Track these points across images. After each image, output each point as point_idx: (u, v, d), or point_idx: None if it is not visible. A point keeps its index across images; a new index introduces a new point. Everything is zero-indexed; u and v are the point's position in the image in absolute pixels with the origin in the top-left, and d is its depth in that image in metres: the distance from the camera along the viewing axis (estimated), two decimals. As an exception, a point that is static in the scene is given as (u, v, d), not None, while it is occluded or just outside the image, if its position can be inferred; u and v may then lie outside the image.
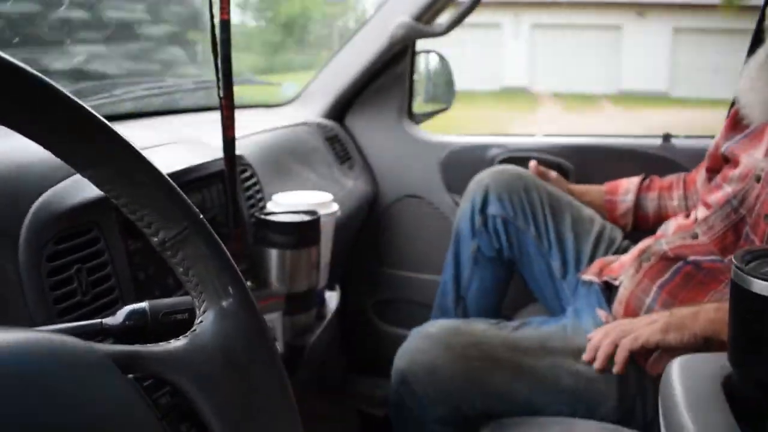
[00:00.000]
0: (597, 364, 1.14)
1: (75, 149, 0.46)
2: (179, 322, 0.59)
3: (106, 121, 0.46)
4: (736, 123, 1.28)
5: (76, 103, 0.44)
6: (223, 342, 0.50)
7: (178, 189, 0.50)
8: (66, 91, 0.44)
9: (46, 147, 0.45)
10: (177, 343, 0.48)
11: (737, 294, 0.68)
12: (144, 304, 0.60)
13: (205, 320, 0.50)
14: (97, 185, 0.48)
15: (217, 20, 0.89)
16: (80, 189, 0.74)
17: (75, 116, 0.45)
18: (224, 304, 0.51)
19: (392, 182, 1.90)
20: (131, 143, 0.48)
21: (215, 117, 0.96)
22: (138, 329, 0.59)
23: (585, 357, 1.15)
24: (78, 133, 0.45)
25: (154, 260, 0.85)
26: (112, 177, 0.48)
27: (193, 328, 0.50)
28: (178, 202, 0.50)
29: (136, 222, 0.50)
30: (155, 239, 0.50)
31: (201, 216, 0.52)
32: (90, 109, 0.45)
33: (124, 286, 0.78)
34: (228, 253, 0.53)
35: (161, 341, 0.48)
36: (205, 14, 0.91)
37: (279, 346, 1.01)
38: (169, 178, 0.50)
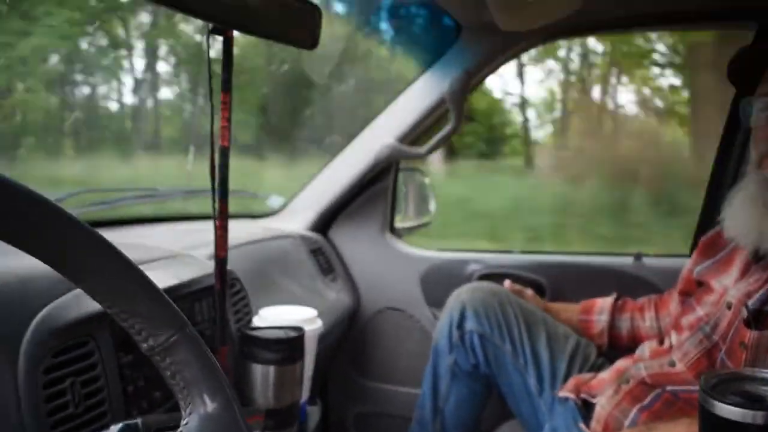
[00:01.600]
0: None
1: (70, 261, 0.49)
2: (169, 437, 0.61)
3: (99, 234, 0.50)
4: (705, 249, 1.35)
5: (71, 217, 0.48)
6: None
7: (167, 297, 0.54)
8: (59, 205, 0.48)
9: (42, 260, 0.48)
10: None
11: (705, 418, 0.72)
12: (137, 420, 0.62)
13: (191, 422, 0.53)
14: (92, 295, 0.51)
15: (217, 146, 0.95)
16: (79, 303, 0.77)
17: (69, 230, 0.48)
18: (209, 408, 0.54)
19: (374, 294, 1.93)
20: (123, 254, 0.52)
21: (205, 227, 1.00)
22: (131, 444, 0.61)
23: None
24: (72, 247, 0.49)
25: (143, 373, 0.87)
26: (105, 287, 0.51)
27: (179, 430, 0.52)
28: (167, 310, 0.54)
29: (127, 329, 0.53)
30: (145, 345, 0.53)
31: (189, 323, 0.55)
32: (83, 222, 0.49)
33: (114, 398, 0.80)
34: (214, 360, 0.56)
35: None
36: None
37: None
38: (158, 287, 0.54)
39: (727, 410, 0.69)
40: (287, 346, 1.06)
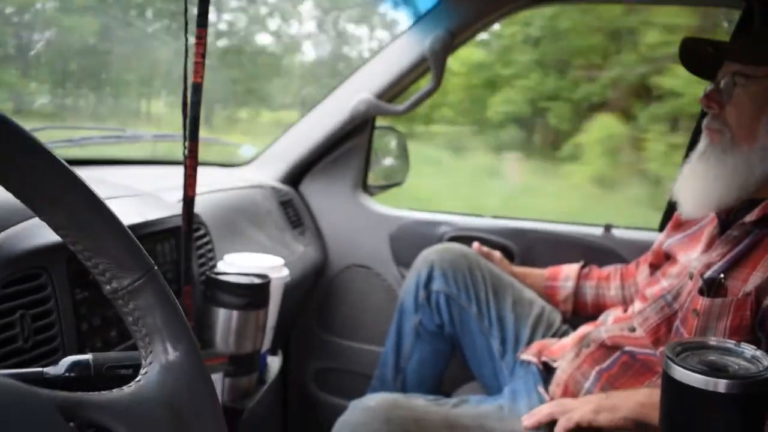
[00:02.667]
0: (526, 423, 1.17)
1: (35, 192, 0.46)
2: (123, 377, 0.58)
3: (69, 167, 0.47)
4: (678, 224, 1.37)
5: (40, 145, 0.45)
6: (168, 394, 0.50)
7: (135, 239, 0.51)
8: (30, 132, 0.44)
9: (5, 186, 0.45)
10: (121, 393, 0.48)
11: (668, 384, 0.72)
12: (88, 356, 0.59)
13: (151, 371, 0.50)
14: (55, 229, 0.48)
15: (189, 82, 0.91)
16: (33, 234, 0.74)
17: (38, 158, 0.45)
18: (171, 357, 0.51)
19: (342, 251, 1.92)
20: (93, 191, 0.49)
21: (173, 171, 0.97)
22: (80, 381, 0.58)
23: (525, 422, 1.17)
24: (39, 176, 0.46)
25: (99, 312, 0.84)
26: (70, 223, 0.48)
27: (138, 379, 0.50)
28: (134, 252, 0.51)
29: (90, 269, 0.50)
30: (108, 287, 0.50)
31: (155, 267, 0.52)
32: (54, 153, 0.46)
33: (67, 335, 0.77)
34: (179, 307, 0.53)
35: None
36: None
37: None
38: (126, 227, 0.51)
39: (690, 377, 0.69)
40: (251, 292, 1.04)
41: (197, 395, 0.52)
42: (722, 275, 1.06)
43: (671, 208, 1.63)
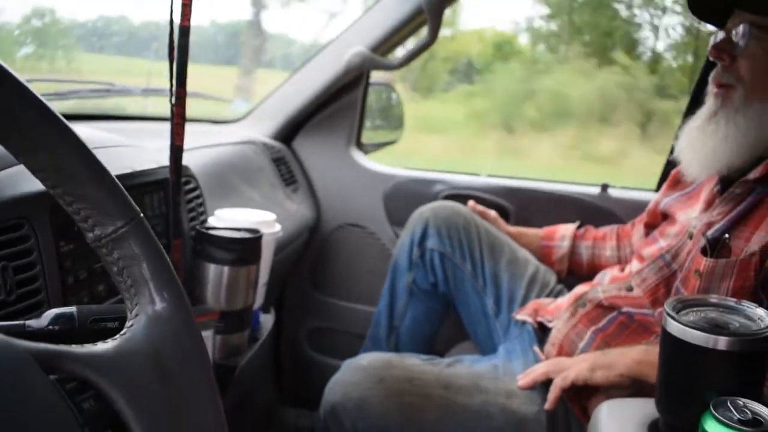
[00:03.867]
0: (521, 382, 1.17)
1: (13, 131, 0.44)
2: (108, 331, 0.56)
3: (50, 106, 0.44)
4: (675, 182, 1.34)
5: (20, 83, 0.42)
6: (154, 347, 0.48)
7: (120, 184, 0.48)
8: (12, 70, 0.42)
9: None
10: (105, 346, 0.46)
11: (667, 341, 0.71)
12: (72, 309, 0.57)
13: (137, 324, 0.48)
14: (34, 172, 0.46)
15: (176, 25, 0.87)
16: (13, 183, 0.71)
17: (18, 96, 0.43)
18: (158, 308, 0.49)
19: (335, 209, 1.89)
20: (75, 132, 0.46)
21: (162, 127, 0.94)
22: (64, 334, 0.56)
23: (520, 382, 1.17)
24: (19, 115, 0.43)
25: (85, 265, 0.81)
26: (50, 164, 0.46)
27: (123, 331, 0.48)
28: (118, 198, 0.49)
29: (72, 215, 0.47)
30: (91, 235, 0.48)
31: (141, 215, 0.50)
32: (36, 92, 0.43)
33: (52, 288, 0.74)
34: (166, 256, 0.51)
35: None
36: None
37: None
38: (111, 173, 0.48)
39: (690, 333, 0.68)
40: (243, 247, 1.01)
41: (185, 348, 0.51)
42: (726, 235, 1.04)
43: (669, 167, 1.61)
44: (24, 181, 0.71)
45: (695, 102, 1.44)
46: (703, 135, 1.12)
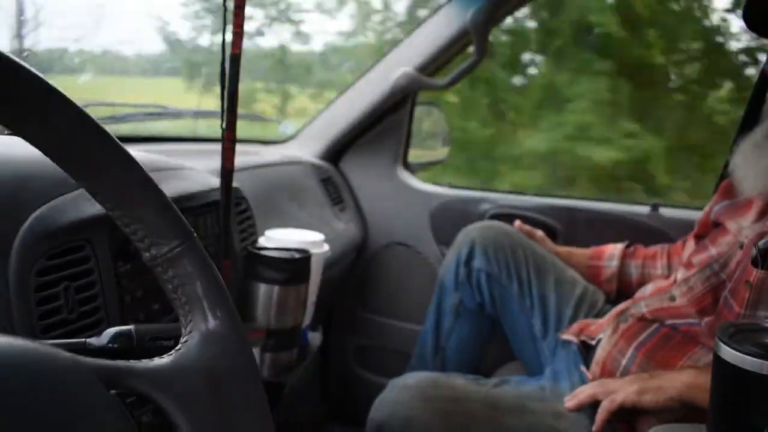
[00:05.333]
0: (569, 404, 1.15)
1: (75, 157, 0.46)
2: (164, 348, 0.58)
3: (109, 132, 0.47)
4: (726, 191, 1.31)
5: (81, 110, 0.45)
6: (207, 363, 0.50)
7: (174, 206, 0.51)
8: (71, 97, 0.44)
9: (45, 153, 0.45)
10: (161, 361, 0.48)
11: (720, 368, 0.69)
12: (130, 327, 0.59)
13: (191, 340, 0.50)
14: (93, 195, 0.48)
15: (227, 54, 0.90)
16: (77, 206, 0.74)
17: (78, 123, 0.45)
18: (211, 325, 0.51)
19: (382, 228, 1.91)
20: (132, 156, 0.48)
21: (213, 148, 0.97)
22: (122, 352, 0.58)
23: (567, 404, 1.15)
24: (81, 143, 0.46)
25: (141, 284, 0.84)
26: (109, 188, 0.48)
27: (177, 347, 0.50)
28: (173, 219, 0.51)
29: (129, 235, 0.50)
30: (147, 254, 0.50)
31: (195, 235, 0.52)
32: (94, 117, 0.46)
33: (110, 307, 0.77)
34: (219, 275, 0.53)
35: None
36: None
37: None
38: (166, 195, 0.50)
39: (743, 359, 0.66)
40: (293, 267, 1.04)
41: (237, 364, 0.52)
42: None
43: (722, 178, 1.57)
44: (85, 204, 0.74)
45: (750, 117, 1.41)
46: (759, 152, 1.10)
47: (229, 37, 0.90)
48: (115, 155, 0.48)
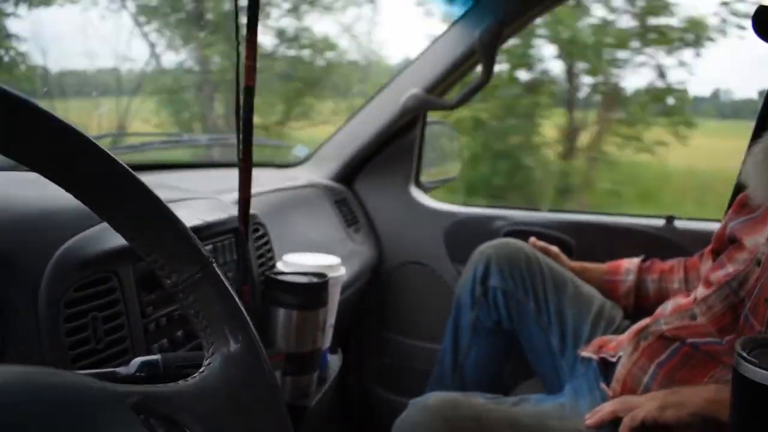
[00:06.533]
0: (589, 422, 1.15)
1: (92, 190, 0.48)
2: (190, 375, 0.60)
3: (125, 165, 0.49)
4: (742, 205, 1.30)
5: (94, 143, 0.47)
6: (229, 385, 0.51)
7: (192, 234, 0.53)
8: (87, 134, 0.46)
9: (65, 188, 0.47)
10: (185, 383, 0.49)
11: (740, 383, 0.69)
12: (157, 357, 0.61)
13: (213, 362, 0.52)
14: (115, 227, 0.50)
15: (242, 86, 0.92)
16: (103, 239, 0.76)
17: (92, 156, 0.47)
18: (232, 348, 0.53)
19: (397, 248, 1.92)
20: (148, 187, 0.50)
21: (229, 174, 0.99)
22: (149, 380, 0.60)
23: (588, 421, 1.15)
24: (99, 177, 0.48)
25: (164, 312, 0.86)
26: (129, 219, 0.50)
27: (201, 370, 0.51)
28: (192, 247, 0.53)
29: (151, 264, 0.52)
30: (168, 281, 0.52)
31: (213, 262, 0.54)
32: (108, 151, 0.48)
33: (135, 335, 0.79)
34: (237, 299, 0.54)
35: None
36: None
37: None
38: (183, 223, 0.52)
39: (763, 375, 0.67)
40: (311, 292, 1.05)
41: (260, 386, 0.54)
42: None
43: (736, 192, 1.57)
44: (110, 236, 0.76)
45: (762, 123, 1.41)
46: (764, 164, 1.09)
47: (242, 68, 0.92)
48: (130, 185, 0.50)
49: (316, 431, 1.44)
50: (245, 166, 0.95)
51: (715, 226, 1.42)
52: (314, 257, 1.21)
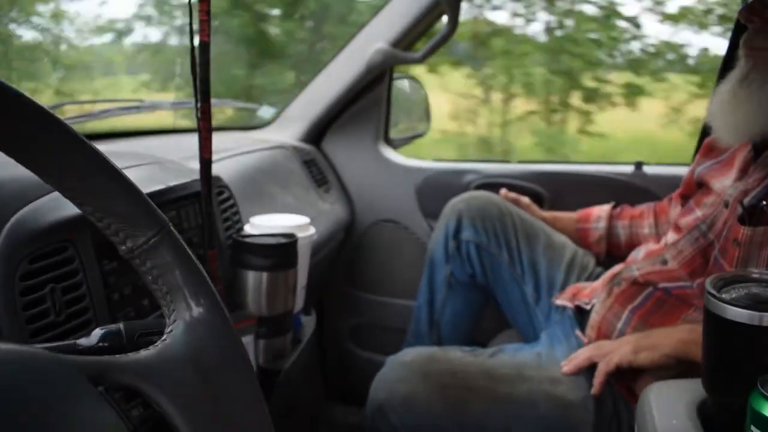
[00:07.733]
0: (565, 369, 1.17)
1: (38, 156, 0.45)
2: (155, 343, 0.58)
3: (71, 128, 0.46)
4: (709, 149, 1.31)
5: (41, 108, 0.44)
6: (194, 351, 0.50)
7: (146, 196, 0.50)
8: (34, 99, 0.43)
9: (8, 153, 0.44)
10: (147, 353, 0.47)
11: (711, 321, 0.70)
12: (119, 325, 0.59)
13: (175, 329, 0.50)
14: (63, 192, 0.47)
15: (196, 42, 0.88)
16: (55, 208, 0.73)
17: (40, 122, 0.44)
18: (194, 313, 0.51)
19: (368, 206, 1.90)
20: (97, 150, 0.47)
21: (192, 139, 0.96)
22: (113, 350, 0.58)
23: (564, 368, 1.16)
24: (45, 141, 0.45)
25: (129, 280, 0.84)
26: (78, 184, 0.47)
27: (163, 338, 0.49)
28: (147, 210, 0.50)
29: (103, 231, 0.49)
30: (123, 247, 0.50)
31: (169, 224, 0.51)
32: (54, 114, 0.45)
33: (98, 306, 0.77)
34: (198, 262, 0.52)
35: None
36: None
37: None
38: (136, 185, 0.50)
39: (733, 311, 0.67)
40: (280, 252, 1.03)
41: (224, 350, 0.52)
42: (764, 202, 1.01)
43: (703, 136, 1.57)
44: (64, 205, 0.73)
45: (726, 66, 1.40)
46: (735, 99, 1.08)
47: (196, 23, 0.88)
48: (80, 151, 0.47)
49: (292, 393, 1.43)
50: (204, 125, 0.91)
51: (683, 171, 1.43)
52: (282, 218, 1.19)
